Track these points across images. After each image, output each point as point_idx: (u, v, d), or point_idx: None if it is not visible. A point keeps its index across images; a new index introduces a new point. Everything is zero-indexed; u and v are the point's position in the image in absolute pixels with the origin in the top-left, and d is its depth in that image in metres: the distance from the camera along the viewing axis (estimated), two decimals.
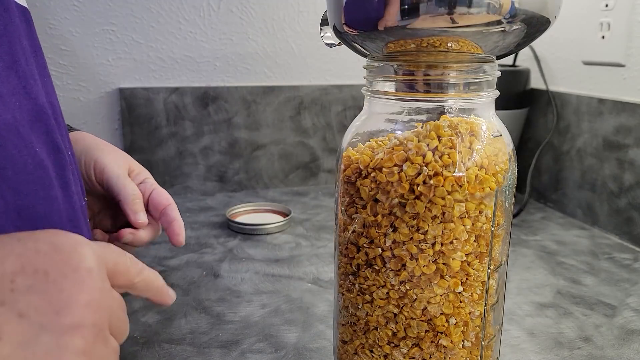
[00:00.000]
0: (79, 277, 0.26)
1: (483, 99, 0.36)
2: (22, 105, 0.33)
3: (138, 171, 0.52)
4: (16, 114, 0.32)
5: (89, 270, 0.27)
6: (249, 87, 0.95)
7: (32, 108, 0.34)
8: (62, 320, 0.25)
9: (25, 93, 0.33)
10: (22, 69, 0.34)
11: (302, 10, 0.96)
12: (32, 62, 0.36)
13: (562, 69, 0.89)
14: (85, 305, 0.26)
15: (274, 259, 0.69)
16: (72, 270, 0.26)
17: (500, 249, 0.38)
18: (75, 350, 0.25)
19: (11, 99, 0.32)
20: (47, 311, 0.25)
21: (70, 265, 0.26)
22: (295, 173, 1.01)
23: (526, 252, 0.72)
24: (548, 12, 0.34)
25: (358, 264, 0.37)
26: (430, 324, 0.36)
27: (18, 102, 0.32)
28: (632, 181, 0.74)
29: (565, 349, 0.50)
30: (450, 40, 0.33)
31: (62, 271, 0.26)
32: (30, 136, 0.32)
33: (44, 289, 0.25)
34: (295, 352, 0.49)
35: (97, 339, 0.26)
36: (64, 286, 0.26)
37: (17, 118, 0.32)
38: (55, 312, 0.25)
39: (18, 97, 0.32)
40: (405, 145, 0.35)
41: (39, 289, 0.25)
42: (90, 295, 0.26)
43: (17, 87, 0.33)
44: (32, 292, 0.25)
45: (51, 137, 0.35)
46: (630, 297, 0.60)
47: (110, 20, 0.88)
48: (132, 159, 0.54)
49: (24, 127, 0.32)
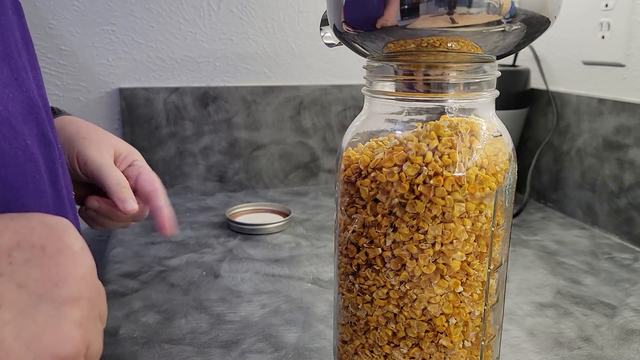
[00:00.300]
0: (73, 253, 0.27)
1: (483, 99, 0.36)
2: (14, 98, 0.33)
3: (125, 154, 0.52)
4: (9, 105, 0.32)
5: (81, 248, 0.28)
6: (249, 87, 0.95)
7: (24, 100, 0.34)
8: (61, 292, 0.26)
9: (17, 85, 0.33)
10: (15, 61, 0.34)
11: (302, 10, 0.96)
12: (24, 55, 0.36)
13: (562, 69, 0.89)
14: (81, 279, 0.27)
15: (274, 259, 0.69)
16: (67, 247, 0.27)
17: (500, 249, 0.38)
18: (73, 320, 0.26)
19: (4, 91, 0.32)
20: (45, 283, 0.25)
21: (65, 242, 0.27)
22: (295, 173, 1.01)
23: (526, 252, 0.72)
24: (548, 12, 0.34)
25: (358, 264, 0.37)
26: (430, 324, 0.36)
27: (11, 94, 0.32)
28: (632, 181, 0.74)
29: (565, 349, 0.50)
30: (450, 40, 0.33)
31: (58, 246, 0.27)
32: (22, 129, 0.32)
33: (41, 262, 0.26)
34: (295, 352, 0.49)
35: (91, 315, 0.27)
36: (60, 260, 0.26)
37: (9, 110, 0.32)
38: (54, 284, 0.26)
39: (11, 89, 0.32)
40: (405, 145, 0.35)
41: (36, 262, 0.26)
42: (85, 270, 0.27)
43: (9, 79, 0.33)
44: (30, 265, 0.26)
45: (42, 130, 0.35)
46: (630, 297, 0.60)
47: (110, 20, 0.88)
48: (119, 140, 0.53)
49: (16, 119, 0.32)
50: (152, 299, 0.58)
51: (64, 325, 0.25)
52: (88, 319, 0.27)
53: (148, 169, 0.52)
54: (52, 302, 0.25)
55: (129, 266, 0.66)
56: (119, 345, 0.50)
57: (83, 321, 0.26)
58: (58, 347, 0.25)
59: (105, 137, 0.52)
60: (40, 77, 0.39)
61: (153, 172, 0.52)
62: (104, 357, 0.47)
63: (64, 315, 0.25)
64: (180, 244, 0.74)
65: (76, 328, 0.26)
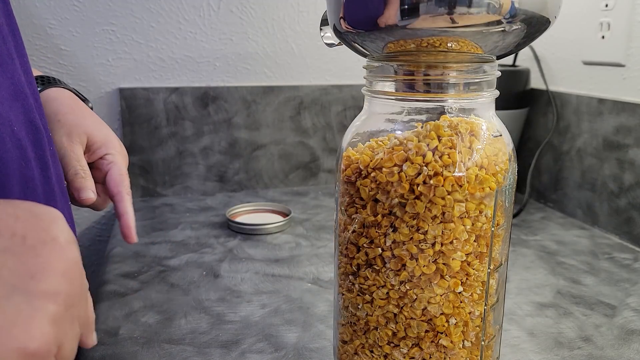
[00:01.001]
0: (57, 246, 0.26)
1: (483, 99, 0.36)
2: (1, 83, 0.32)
3: (99, 144, 0.49)
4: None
5: (67, 241, 0.26)
6: (249, 87, 0.95)
7: (9, 86, 0.32)
8: (37, 285, 0.24)
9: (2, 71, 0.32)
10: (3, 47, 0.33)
11: (302, 10, 0.96)
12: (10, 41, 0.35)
13: (562, 69, 0.89)
14: (62, 273, 0.25)
15: (274, 259, 0.69)
16: (51, 239, 0.25)
17: (500, 249, 0.38)
18: (47, 315, 0.24)
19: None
20: (21, 273, 0.24)
21: (49, 233, 0.26)
22: (295, 173, 1.01)
23: (526, 252, 0.72)
24: (548, 12, 0.34)
25: (358, 264, 0.37)
26: (430, 324, 0.36)
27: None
28: (632, 181, 0.74)
29: (565, 349, 0.50)
30: (450, 40, 0.33)
31: (41, 238, 0.25)
32: (8, 114, 0.31)
33: (19, 252, 0.24)
34: (295, 352, 0.49)
35: (68, 313, 0.25)
36: (41, 252, 0.25)
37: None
38: (30, 275, 0.24)
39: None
40: (405, 145, 0.35)
41: (14, 251, 0.24)
42: (67, 265, 0.26)
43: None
44: (7, 253, 0.24)
45: (30, 117, 0.34)
46: (630, 297, 0.60)
47: (110, 20, 0.88)
48: (98, 126, 0.50)
49: (2, 105, 0.31)
50: (152, 299, 0.58)
51: (36, 320, 0.24)
52: (63, 317, 0.25)
53: (118, 165, 0.50)
54: (26, 295, 0.24)
55: (129, 266, 0.66)
56: (119, 345, 0.50)
57: (58, 318, 0.24)
58: (26, 341, 0.23)
59: (82, 121, 0.50)
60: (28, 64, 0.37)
61: (123, 169, 0.50)
62: (104, 357, 0.47)
63: (37, 309, 0.24)
64: (180, 244, 0.74)
65: (49, 324, 0.24)
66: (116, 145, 0.51)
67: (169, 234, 0.78)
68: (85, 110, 0.51)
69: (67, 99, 0.51)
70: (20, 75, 0.35)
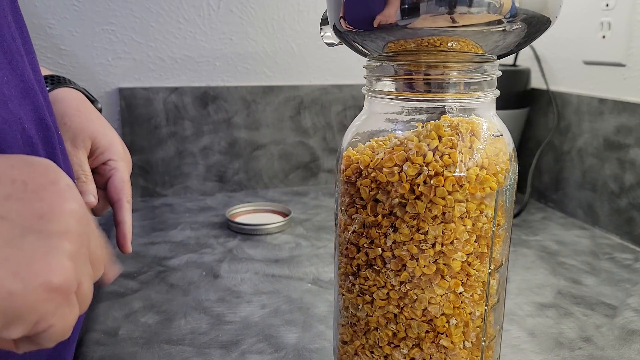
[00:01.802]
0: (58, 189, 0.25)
1: (484, 98, 0.36)
2: (9, 81, 0.31)
3: (103, 149, 0.49)
4: (4, 88, 0.31)
5: (67, 185, 0.26)
6: (249, 87, 0.95)
7: (18, 84, 0.32)
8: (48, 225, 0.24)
9: (11, 69, 0.32)
10: (8, 45, 0.32)
11: (302, 10, 0.96)
12: (18, 38, 0.35)
13: (562, 68, 0.89)
14: (69, 213, 0.25)
15: (273, 259, 0.69)
16: (51, 183, 0.25)
17: (500, 249, 0.38)
18: (64, 251, 0.24)
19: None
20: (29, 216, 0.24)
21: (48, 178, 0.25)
22: (295, 173, 1.01)
23: (527, 252, 0.72)
24: (549, 12, 0.34)
25: (358, 265, 0.37)
26: (430, 324, 0.36)
27: (5, 77, 0.31)
28: (632, 181, 0.74)
29: (566, 349, 0.50)
30: (450, 39, 0.33)
31: (41, 182, 0.25)
32: (18, 112, 0.31)
33: (23, 197, 0.24)
34: (295, 352, 0.49)
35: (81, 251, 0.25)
36: (44, 196, 0.25)
37: (5, 93, 0.31)
38: (39, 216, 0.24)
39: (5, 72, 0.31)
40: (406, 145, 0.35)
41: (18, 197, 0.24)
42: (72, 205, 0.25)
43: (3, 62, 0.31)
44: (11, 199, 0.24)
45: (40, 114, 0.34)
46: (630, 298, 0.60)
47: (110, 20, 0.88)
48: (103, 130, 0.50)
49: (13, 102, 0.31)
50: (151, 299, 0.58)
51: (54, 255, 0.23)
52: (79, 255, 0.25)
53: (121, 172, 0.50)
54: (39, 234, 0.24)
55: (128, 266, 0.66)
56: (119, 345, 0.49)
57: (74, 255, 0.24)
58: (50, 275, 0.23)
59: (88, 124, 0.49)
60: (36, 62, 0.37)
61: (125, 177, 0.50)
62: (104, 357, 0.47)
63: (53, 247, 0.24)
64: (180, 244, 0.74)
65: (68, 259, 0.24)
66: (120, 151, 0.51)
67: (168, 234, 0.77)
68: (92, 113, 0.51)
69: (75, 101, 0.51)
70: (29, 72, 0.34)
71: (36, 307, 0.23)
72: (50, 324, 0.24)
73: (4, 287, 0.22)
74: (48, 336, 0.24)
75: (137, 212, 0.88)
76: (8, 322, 0.23)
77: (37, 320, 0.23)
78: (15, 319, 0.23)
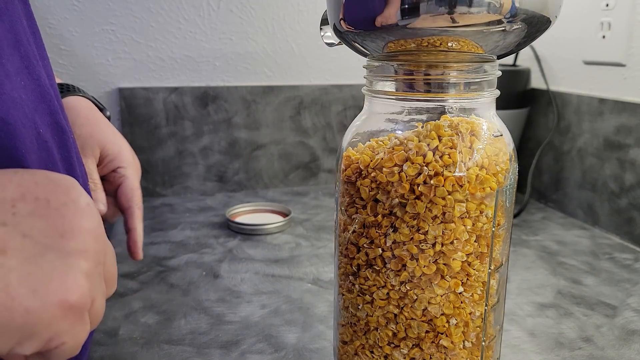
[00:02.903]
0: (79, 207, 0.26)
1: (484, 98, 0.36)
2: (26, 85, 0.32)
3: (112, 157, 0.50)
4: (21, 93, 0.31)
5: (87, 204, 0.27)
6: (249, 86, 0.95)
7: (35, 88, 0.33)
8: (67, 243, 0.25)
9: (28, 73, 0.33)
10: (25, 49, 0.33)
11: (302, 10, 0.96)
12: (32, 43, 0.35)
13: (562, 68, 0.89)
14: (87, 232, 0.26)
15: (273, 259, 0.69)
16: (72, 201, 0.26)
17: (501, 249, 0.38)
18: (81, 270, 0.25)
19: (16, 78, 0.31)
20: (51, 233, 0.25)
21: (70, 196, 0.26)
22: (295, 173, 1.01)
23: (527, 252, 0.72)
24: (549, 12, 0.34)
25: (358, 265, 0.37)
26: (430, 324, 0.36)
27: (23, 82, 0.32)
28: (632, 181, 0.74)
29: (566, 349, 0.50)
30: (450, 39, 0.33)
31: (63, 200, 0.26)
32: (34, 116, 0.32)
33: (46, 214, 0.25)
34: (295, 352, 0.49)
35: (97, 269, 0.26)
36: (65, 213, 0.26)
37: (22, 97, 0.31)
38: (60, 234, 0.25)
39: (22, 76, 0.32)
40: (406, 145, 0.35)
41: (41, 214, 0.25)
42: (91, 225, 0.26)
43: (20, 67, 0.32)
44: (35, 216, 0.25)
45: (55, 118, 0.35)
46: (630, 298, 0.60)
47: (110, 20, 0.88)
48: (112, 137, 0.51)
49: (29, 107, 0.32)
50: (151, 299, 0.58)
51: (71, 274, 0.24)
52: (94, 273, 0.26)
53: (130, 179, 0.51)
54: (59, 252, 0.25)
55: (128, 266, 0.66)
56: (119, 345, 0.49)
57: (90, 274, 0.25)
58: (66, 293, 0.24)
59: (97, 133, 0.51)
60: (49, 67, 0.38)
61: (135, 184, 0.51)
62: (104, 357, 0.47)
63: (71, 265, 0.25)
64: (180, 244, 0.74)
65: (84, 278, 0.25)
66: (129, 159, 0.52)
67: (168, 234, 0.77)
68: (101, 122, 0.52)
69: (84, 109, 0.52)
70: (44, 77, 0.35)
71: (51, 325, 0.24)
72: (63, 341, 0.25)
73: (22, 305, 0.23)
74: (59, 353, 0.25)
75: None
76: (23, 338, 0.23)
77: (50, 337, 0.24)
78: (30, 335, 0.24)
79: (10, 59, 0.31)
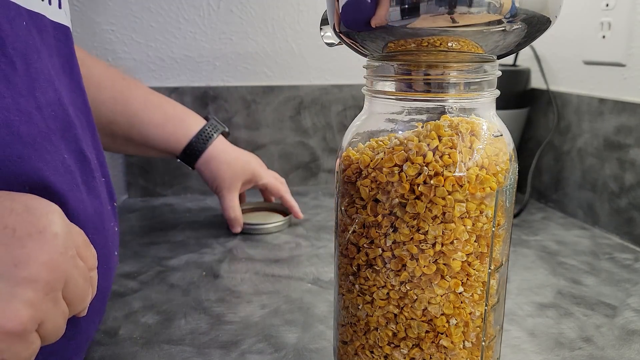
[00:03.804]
0: (43, 239, 0.28)
1: (484, 98, 0.36)
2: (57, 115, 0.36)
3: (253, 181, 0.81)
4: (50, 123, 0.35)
5: (54, 234, 0.29)
6: (249, 86, 0.95)
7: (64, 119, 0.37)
8: (18, 272, 0.27)
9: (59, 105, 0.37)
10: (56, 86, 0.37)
11: (302, 10, 0.96)
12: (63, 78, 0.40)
13: (562, 68, 0.89)
14: (42, 263, 0.28)
15: (273, 259, 0.69)
16: (38, 232, 0.28)
17: (501, 249, 0.38)
18: (24, 300, 0.27)
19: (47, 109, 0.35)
20: (6, 261, 0.27)
21: (37, 227, 0.28)
22: (295, 173, 1.01)
23: (527, 252, 0.72)
24: (549, 12, 0.34)
25: (358, 265, 0.37)
26: (430, 324, 0.36)
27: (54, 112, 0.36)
28: (633, 181, 0.74)
29: (566, 349, 0.50)
30: (450, 39, 0.33)
31: (29, 231, 0.28)
32: (60, 144, 0.36)
33: (8, 243, 0.27)
34: (295, 352, 0.49)
35: (48, 297, 0.28)
36: (27, 244, 0.28)
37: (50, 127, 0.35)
38: (14, 264, 0.27)
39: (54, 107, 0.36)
40: (406, 145, 0.35)
41: (3, 241, 0.27)
42: (50, 256, 0.28)
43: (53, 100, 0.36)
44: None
45: (78, 146, 0.39)
46: (631, 298, 0.60)
47: (110, 20, 0.88)
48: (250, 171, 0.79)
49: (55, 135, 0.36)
50: (151, 299, 0.58)
51: (13, 303, 0.26)
52: (42, 301, 0.28)
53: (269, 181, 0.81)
54: (8, 281, 0.27)
55: (128, 266, 0.66)
56: (119, 345, 0.49)
57: (36, 302, 0.27)
58: (2, 320, 0.26)
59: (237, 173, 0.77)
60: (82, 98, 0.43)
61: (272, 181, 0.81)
62: (104, 357, 0.47)
63: (15, 295, 0.27)
64: (179, 244, 0.74)
65: (25, 307, 0.27)
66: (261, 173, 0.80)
67: (168, 234, 0.77)
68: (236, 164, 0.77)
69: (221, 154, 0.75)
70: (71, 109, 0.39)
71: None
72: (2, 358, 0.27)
73: None
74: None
75: (137, 212, 0.88)
76: None
77: None
78: None
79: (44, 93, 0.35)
